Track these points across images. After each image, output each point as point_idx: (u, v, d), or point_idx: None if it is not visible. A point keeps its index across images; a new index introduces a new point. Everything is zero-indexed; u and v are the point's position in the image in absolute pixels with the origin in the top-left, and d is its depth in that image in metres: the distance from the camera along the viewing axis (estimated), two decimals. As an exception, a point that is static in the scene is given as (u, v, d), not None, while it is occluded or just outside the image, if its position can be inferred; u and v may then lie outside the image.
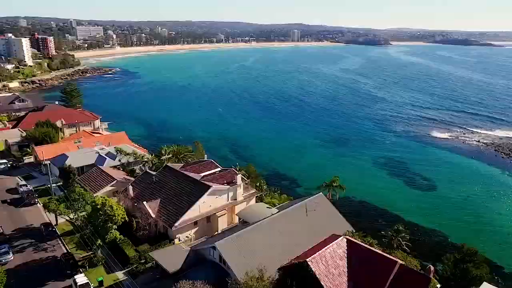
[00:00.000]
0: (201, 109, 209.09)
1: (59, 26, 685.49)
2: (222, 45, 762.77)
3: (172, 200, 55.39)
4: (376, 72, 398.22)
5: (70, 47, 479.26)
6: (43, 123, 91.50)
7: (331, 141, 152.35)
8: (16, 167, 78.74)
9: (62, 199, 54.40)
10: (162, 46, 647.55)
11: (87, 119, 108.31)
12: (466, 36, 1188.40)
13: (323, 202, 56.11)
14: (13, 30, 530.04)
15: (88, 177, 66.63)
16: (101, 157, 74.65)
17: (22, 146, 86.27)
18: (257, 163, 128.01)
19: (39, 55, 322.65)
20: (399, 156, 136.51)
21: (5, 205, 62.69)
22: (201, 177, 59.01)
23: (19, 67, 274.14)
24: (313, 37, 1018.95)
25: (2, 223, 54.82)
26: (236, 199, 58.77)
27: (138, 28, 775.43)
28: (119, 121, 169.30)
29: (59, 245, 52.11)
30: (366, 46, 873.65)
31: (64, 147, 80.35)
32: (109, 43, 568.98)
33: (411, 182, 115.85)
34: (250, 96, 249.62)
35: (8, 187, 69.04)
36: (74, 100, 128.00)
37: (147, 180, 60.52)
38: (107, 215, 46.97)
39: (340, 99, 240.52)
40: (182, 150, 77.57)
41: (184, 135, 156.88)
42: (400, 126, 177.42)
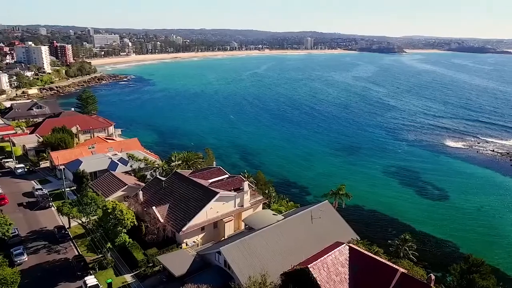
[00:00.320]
0: (213, 116, 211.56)
1: (77, 34, 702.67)
2: (235, 53, 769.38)
3: (180, 205, 56.79)
4: (389, 80, 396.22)
5: (87, 54, 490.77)
6: (59, 129, 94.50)
7: (341, 150, 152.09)
8: (33, 172, 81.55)
9: (75, 203, 56.35)
10: (176, 53, 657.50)
11: (101, 125, 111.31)
12: (483, 43, 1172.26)
13: (328, 209, 56.71)
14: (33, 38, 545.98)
15: (100, 182, 68.69)
16: (113, 162, 76.80)
17: (38, 151, 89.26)
18: (267, 170, 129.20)
19: (58, 62, 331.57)
20: (411, 165, 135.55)
21: (21, 208, 65.10)
22: (209, 183, 60.32)
23: (38, 74, 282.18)
24: (327, 45, 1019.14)
25: (18, 225, 56.96)
26: (243, 205, 59.82)
27: (153, 36, 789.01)
28: (133, 127, 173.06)
29: (71, 248, 53.95)
30: (379, 54, 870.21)
31: (78, 153, 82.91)
32: (125, 51, 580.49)
33: (422, 192, 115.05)
34: (262, 103, 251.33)
35: (24, 191, 71.62)
36: (90, 107, 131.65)
37: (157, 186, 62.15)
38: (117, 219, 48.59)
39: (352, 107, 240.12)
40: (192, 157, 79.18)
41: (196, 141, 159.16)
42: (412, 135, 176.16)
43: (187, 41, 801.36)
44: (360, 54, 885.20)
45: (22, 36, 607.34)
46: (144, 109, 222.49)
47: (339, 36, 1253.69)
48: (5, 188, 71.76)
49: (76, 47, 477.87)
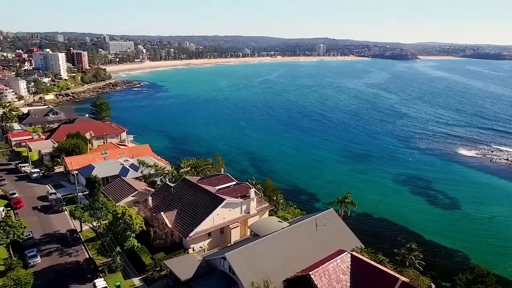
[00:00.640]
0: (223, 122, 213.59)
1: (93, 41, 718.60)
2: (247, 60, 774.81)
3: (187, 211, 58.19)
4: (401, 87, 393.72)
5: (103, 61, 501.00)
6: (74, 135, 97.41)
7: (351, 157, 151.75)
8: (47, 176, 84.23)
9: (87, 207, 58.30)
10: (189, 60, 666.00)
11: (114, 131, 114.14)
12: (499, 50, 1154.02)
13: (333, 217, 57.35)
14: (51, 45, 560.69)
15: (111, 187, 70.70)
16: (125, 168, 78.89)
17: (53, 156, 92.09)
18: (276, 177, 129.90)
19: (74, 69, 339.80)
20: (422, 174, 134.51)
21: (35, 211, 67.46)
22: (217, 190, 61.63)
23: (54, 80, 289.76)
24: (339, 51, 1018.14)
25: (32, 228, 59.14)
26: (249, 212, 60.90)
27: (167, 43, 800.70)
28: (145, 133, 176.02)
29: (82, 251, 55.77)
30: (392, 60, 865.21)
31: (91, 158, 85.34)
32: (139, 57, 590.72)
33: (433, 201, 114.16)
34: (272, 110, 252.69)
35: (39, 195, 74.13)
36: (103, 113, 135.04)
37: (166, 192, 63.74)
38: (126, 224, 50.19)
39: (362, 114, 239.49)
40: (201, 163, 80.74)
41: (206, 147, 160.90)
42: (424, 143, 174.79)
43: (200, 47, 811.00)
44: (372, 60, 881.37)
45: (41, 43, 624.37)
46: (156, 115, 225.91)
47: (351, 42, 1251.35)
48: (21, 192, 74.40)
49: (91, 54, 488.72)
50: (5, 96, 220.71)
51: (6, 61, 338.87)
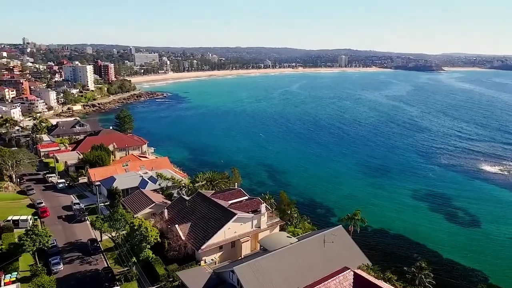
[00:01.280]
0: (242, 134, 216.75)
1: (120, 52, 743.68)
2: (268, 71, 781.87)
3: (201, 224, 60.80)
4: (423, 99, 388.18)
5: (128, 72, 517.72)
6: (98, 147, 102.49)
7: (369, 172, 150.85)
8: (72, 187, 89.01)
9: (107, 218, 61.85)
10: (211, 71, 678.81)
11: (136, 143, 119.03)
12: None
13: (341, 234, 58.59)
14: (80, 57, 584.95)
15: (131, 199, 74.35)
16: (144, 180, 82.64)
17: (78, 167, 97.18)
18: (292, 190, 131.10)
19: (100, 80, 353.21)
20: (442, 190, 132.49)
21: (60, 220, 71.71)
22: (229, 204, 64.05)
23: (82, 91, 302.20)
24: (361, 62, 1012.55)
25: (56, 236, 63.07)
26: (260, 227, 62.92)
27: (190, 54, 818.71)
28: (166, 144, 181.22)
29: (101, 260, 59.12)
30: (416, 72, 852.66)
31: (113, 170, 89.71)
32: (163, 69, 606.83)
33: (452, 218, 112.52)
34: (291, 122, 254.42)
35: (64, 204, 78.61)
36: (126, 125, 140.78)
37: (181, 205, 66.68)
38: (142, 236, 53.26)
39: (382, 128, 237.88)
40: (217, 177, 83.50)
41: (225, 159, 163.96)
42: (445, 158, 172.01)
43: (222, 59, 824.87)
44: (395, 72, 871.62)
45: (71, 55, 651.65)
46: (177, 126, 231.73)
47: (374, 53, 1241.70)
48: (48, 201, 79.11)
49: (118, 65, 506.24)
50: (36, 107, 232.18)
51: (38, 73, 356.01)
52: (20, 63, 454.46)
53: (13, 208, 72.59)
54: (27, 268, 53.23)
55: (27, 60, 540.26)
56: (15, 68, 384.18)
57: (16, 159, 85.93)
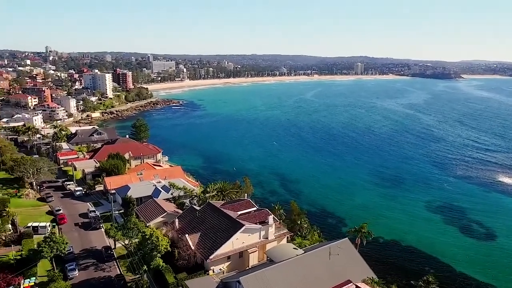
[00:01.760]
0: (256, 142, 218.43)
1: (138, 60, 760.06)
2: (283, 78, 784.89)
3: (210, 234, 62.66)
4: (440, 108, 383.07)
5: (146, 80, 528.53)
6: (114, 155, 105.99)
7: (382, 182, 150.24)
8: (89, 194, 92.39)
9: (120, 227, 64.45)
10: (227, 79, 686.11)
11: (150, 152, 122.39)
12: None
13: (347, 247, 59.48)
14: (99, 65, 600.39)
15: (144, 208, 76.95)
16: (157, 189, 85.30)
17: (95, 175, 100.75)
18: (304, 199, 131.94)
19: (119, 88, 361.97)
20: (457, 202, 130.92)
21: (77, 227, 74.79)
22: (238, 215, 65.76)
23: (101, 99, 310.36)
24: (377, 70, 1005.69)
25: (72, 243, 65.98)
26: (268, 237, 64.37)
27: (206, 62, 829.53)
28: (180, 151, 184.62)
29: (114, 267, 61.58)
30: (433, 79, 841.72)
31: (128, 179, 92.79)
32: (179, 76, 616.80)
33: (467, 231, 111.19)
34: (304, 131, 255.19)
35: (80, 212, 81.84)
36: (142, 134, 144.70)
37: (192, 215, 68.77)
38: (153, 245, 55.43)
39: (396, 137, 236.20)
40: (227, 187, 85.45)
41: (238, 166, 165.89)
42: (461, 169, 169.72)
43: (238, 66, 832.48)
44: (412, 79, 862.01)
45: (91, 63, 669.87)
46: (192, 133, 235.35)
47: (391, 61, 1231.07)
48: (65, 208, 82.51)
49: (136, 73, 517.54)
50: (57, 114, 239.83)
51: (59, 81, 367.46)
52: (43, 71, 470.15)
53: (33, 215, 76.11)
54: (45, 274, 55.98)
55: (49, 68, 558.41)
56: (38, 76, 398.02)
57: (36, 167, 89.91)
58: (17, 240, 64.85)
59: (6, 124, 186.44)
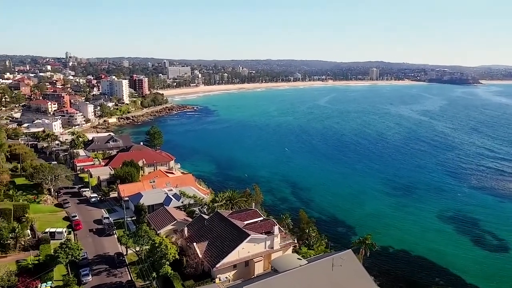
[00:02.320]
0: (268, 148, 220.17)
1: (154, 66, 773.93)
2: (298, 84, 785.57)
3: (217, 243, 64.82)
4: (456, 115, 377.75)
5: (162, 85, 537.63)
6: (128, 163, 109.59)
7: (394, 190, 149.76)
8: (103, 201, 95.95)
9: (132, 234, 67.27)
10: (241, 84, 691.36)
11: (163, 159, 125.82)
12: None
13: (350, 258, 60.59)
14: (117, 71, 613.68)
15: (155, 215, 79.74)
16: (168, 197, 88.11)
17: (110, 182, 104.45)
18: (315, 207, 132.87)
19: (135, 94, 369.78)
20: (470, 212, 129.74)
21: (91, 233, 78.07)
22: (244, 225, 67.76)
23: (118, 104, 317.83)
24: (393, 75, 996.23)
25: (87, 249, 69.11)
26: (273, 247, 66.11)
27: (221, 68, 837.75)
28: (193, 157, 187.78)
29: (126, 273, 64.30)
30: (450, 85, 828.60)
31: (141, 186, 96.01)
32: (194, 82, 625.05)
33: (479, 242, 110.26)
34: (316, 138, 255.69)
35: (95, 218, 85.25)
36: (156, 141, 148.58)
37: (200, 223, 71.11)
38: (162, 253, 57.97)
39: (409, 145, 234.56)
40: (236, 196, 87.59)
41: (250, 173, 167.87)
42: (475, 178, 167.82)
43: (252, 72, 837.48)
44: (429, 85, 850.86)
45: (109, 68, 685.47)
46: (205, 139, 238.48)
47: (407, 66, 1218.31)
48: (81, 214, 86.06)
49: (152, 79, 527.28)
50: (75, 119, 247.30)
51: (78, 87, 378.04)
52: (63, 77, 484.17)
53: (51, 221, 79.82)
54: (60, 278, 59.06)
55: (69, 73, 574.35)
56: (57, 82, 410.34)
57: (54, 174, 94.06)
58: (36, 245, 68.31)
59: (26, 130, 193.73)
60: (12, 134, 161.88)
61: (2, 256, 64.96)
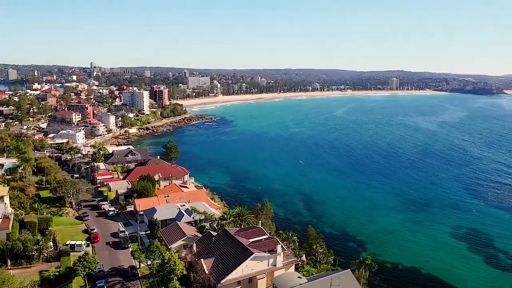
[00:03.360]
0: (283, 159, 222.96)
1: (175, 75, 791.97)
2: (316, 94, 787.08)
3: (222, 260, 68.71)
4: (477, 127, 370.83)
5: (181, 95, 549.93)
6: (145, 177, 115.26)
7: (407, 205, 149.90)
8: (120, 214, 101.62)
9: (144, 249, 72.08)
10: (259, 94, 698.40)
11: (178, 173, 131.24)
12: None
13: (348, 279, 63.39)
14: (138, 80, 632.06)
15: (167, 230, 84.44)
16: (180, 213, 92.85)
17: (127, 196, 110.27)
18: (326, 221, 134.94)
19: (155, 104, 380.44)
20: (484, 229, 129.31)
21: (108, 246, 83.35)
22: (249, 242, 71.39)
23: (138, 115, 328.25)
24: (414, 85, 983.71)
25: (103, 261, 74.18)
26: (276, 265, 69.48)
27: (240, 77, 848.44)
28: (209, 169, 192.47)
29: (138, 286, 68.90)
30: (473, 95, 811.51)
31: (156, 201, 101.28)
32: (213, 92, 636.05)
33: (492, 261, 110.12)
34: (332, 149, 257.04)
35: (112, 231, 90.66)
36: (172, 155, 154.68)
37: (208, 240, 75.28)
38: (171, 268, 62.39)
39: (426, 158, 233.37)
40: (245, 212, 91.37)
41: (264, 185, 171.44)
42: (492, 194, 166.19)
43: (271, 81, 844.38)
44: (451, 95, 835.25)
45: (131, 78, 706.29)
46: (221, 150, 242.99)
47: (429, 75, 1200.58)
48: (99, 227, 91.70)
49: (172, 89, 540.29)
50: (98, 130, 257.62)
51: (101, 97, 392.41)
52: (87, 87, 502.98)
53: (71, 234, 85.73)
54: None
55: (93, 83, 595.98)
56: (82, 92, 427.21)
57: (76, 188, 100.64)
58: (57, 257, 74.01)
59: (52, 140, 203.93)
60: (38, 145, 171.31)
61: (27, 267, 70.80)
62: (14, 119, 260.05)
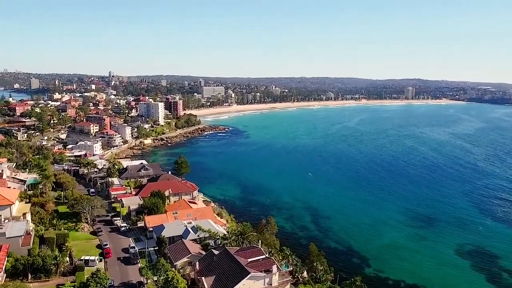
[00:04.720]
0: (293, 172, 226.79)
1: (190, 84, 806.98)
2: (330, 103, 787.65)
3: (222, 278, 74.06)
4: (492, 139, 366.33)
5: (196, 105, 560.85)
6: (156, 193, 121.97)
7: (414, 221, 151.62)
8: (131, 230, 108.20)
9: (151, 266, 78.13)
10: (273, 104, 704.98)
11: (188, 189, 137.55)
12: None
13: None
14: (155, 90, 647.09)
15: (174, 248, 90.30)
16: (187, 230, 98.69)
17: (138, 212, 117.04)
18: (332, 236, 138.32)
19: (170, 115, 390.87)
20: (490, 246, 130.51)
21: (118, 261, 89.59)
22: (247, 262, 76.62)
23: (153, 126, 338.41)
24: (430, 94, 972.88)
25: (113, 276, 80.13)
26: (271, 284, 74.44)
27: (254, 86, 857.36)
28: (218, 181, 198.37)
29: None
30: (491, 105, 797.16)
31: (165, 218, 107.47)
32: (227, 101, 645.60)
33: (496, 280, 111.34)
34: (343, 162, 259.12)
35: (123, 246, 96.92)
36: (183, 170, 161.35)
37: (210, 258, 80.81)
38: (174, 286, 68.12)
39: (437, 172, 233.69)
40: (247, 230, 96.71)
41: (272, 198, 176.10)
42: (501, 210, 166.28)
43: (285, 90, 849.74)
44: (468, 105, 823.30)
45: (148, 87, 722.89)
46: (233, 162, 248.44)
47: (446, 84, 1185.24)
48: (111, 242, 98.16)
49: (187, 98, 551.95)
50: (114, 141, 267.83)
51: (118, 108, 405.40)
52: (105, 97, 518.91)
53: (86, 249, 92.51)
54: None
55: (111, 92, 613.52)
56: (100, 103, 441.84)
57: (91, 205, 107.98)
58: (72, 271, 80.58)
59: (70, 152, 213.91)
60: (58, 158, 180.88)
61: (46, 280, 77.56)
62: (36, 130, 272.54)
